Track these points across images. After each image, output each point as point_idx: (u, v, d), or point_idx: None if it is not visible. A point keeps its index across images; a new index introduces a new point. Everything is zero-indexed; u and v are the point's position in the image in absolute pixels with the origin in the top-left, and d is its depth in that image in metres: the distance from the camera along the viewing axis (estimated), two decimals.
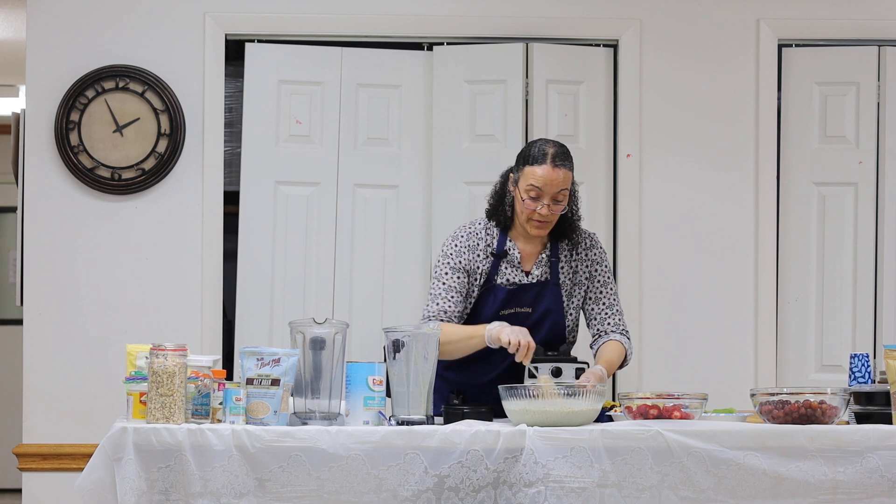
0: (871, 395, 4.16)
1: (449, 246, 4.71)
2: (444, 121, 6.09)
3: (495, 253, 4.68)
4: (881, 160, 6.17)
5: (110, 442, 3.85)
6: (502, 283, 4.68)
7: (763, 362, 6.07)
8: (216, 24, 6.02)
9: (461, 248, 4.69)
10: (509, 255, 4.69)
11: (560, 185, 4.56)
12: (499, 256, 4.68)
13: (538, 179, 4.55)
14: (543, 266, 4.71)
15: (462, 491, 3.87)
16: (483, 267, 4.69)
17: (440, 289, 4.65)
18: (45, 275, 5.94)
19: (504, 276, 4.69)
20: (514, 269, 4.70)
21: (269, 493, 3.85)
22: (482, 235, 4.71)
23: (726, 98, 6.13)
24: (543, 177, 4.54)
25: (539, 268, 4.71)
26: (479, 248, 4.70)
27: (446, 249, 4.71)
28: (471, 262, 4.68)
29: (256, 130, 6.08)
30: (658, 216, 6.11)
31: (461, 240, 4.71)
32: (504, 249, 4.69)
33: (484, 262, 4.69)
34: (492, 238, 4.71)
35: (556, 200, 4.58)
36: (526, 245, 4.72)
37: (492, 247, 4.70)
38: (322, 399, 4.03)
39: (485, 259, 4.69)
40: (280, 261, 6.07)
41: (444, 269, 4.68)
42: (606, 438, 3.91)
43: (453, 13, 6.11)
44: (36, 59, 5.96)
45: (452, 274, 4.66)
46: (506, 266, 4.69)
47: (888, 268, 6.13)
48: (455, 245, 4.71)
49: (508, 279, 4.68)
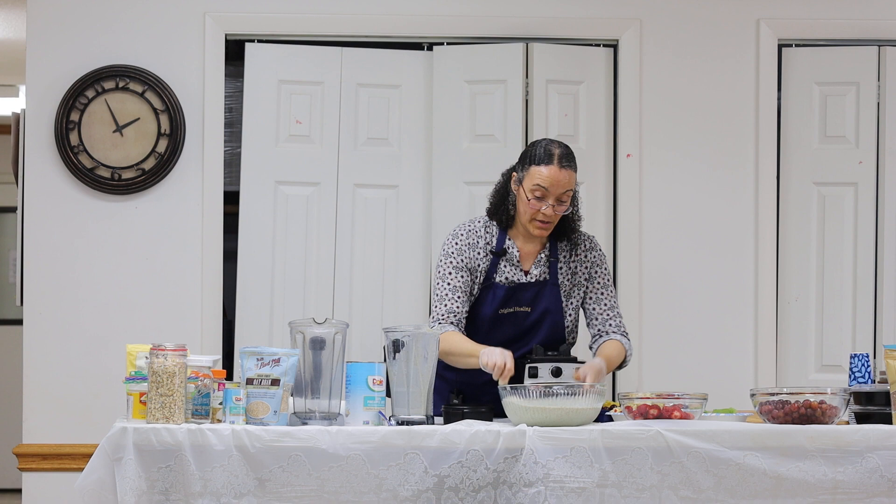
0: (871, 395, 4.16)
1: (450, 244, 4.72)
2: (444, 121, 6.09)
3: (495, 251, 4.69)
4: (881, 160, 6.17)
5: (110, 442, 3.85)
6: (501, 281, 4.69)
7: (763, 362, 6.07)
8: (216, 24, 6.02)
9: (462, 245, 4.70)
10: (508, 254, 4.70)
11: (565, 186, 4.57)
12: (498, 255, 4.69)
13: (545, 180, 4.55)
14: (542, 266, 4.71)
15: (462, 491, 3.87)
16: (483, 265, 4.69)
17: (445, 290, 4.66)
18: (45, 275, 5.94)
19: (503, 275, 4.69)
20: (513, 267, 4.70)
21: (269, 493, 3.85)
22: (482, 233, 4.72)
23: (726, 98, 6.13)
24: (550, 177, 4.55)
25: (538, 267, 4.71)
26: (479, 246, 4.70)
27: (447, 248, 4.71)
28: (472, 260, 4.68)
29: (256, 130, 6.08)
30: (658, 216, 6.11)
31: (461, 238, 4.71)
32: (503, 248, 4.70)
33: (484, 260, 4.70)
34: (491, 236, 4.72)
35: (560, 201, 4.58)
36: (525, 244, 4.72)
37: (491, 245, 4.70)
38: (322, 399, 4.03)
39: (485, 257, 4.70)
40: (280, 261, 6.07)
41: (447, 269, 4.68)
42: (606, 438, 3.91)
43: (453, 13, 6.11)
44: (36, 59, 5.96)
45: (456, 273, 4.66)
46: (505, 264, 4.70)
47: (888, 268, 6.13)
48: (456, 243, 4.71)
49: (507, 277, 4.69)
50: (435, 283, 4.70)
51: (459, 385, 4.58)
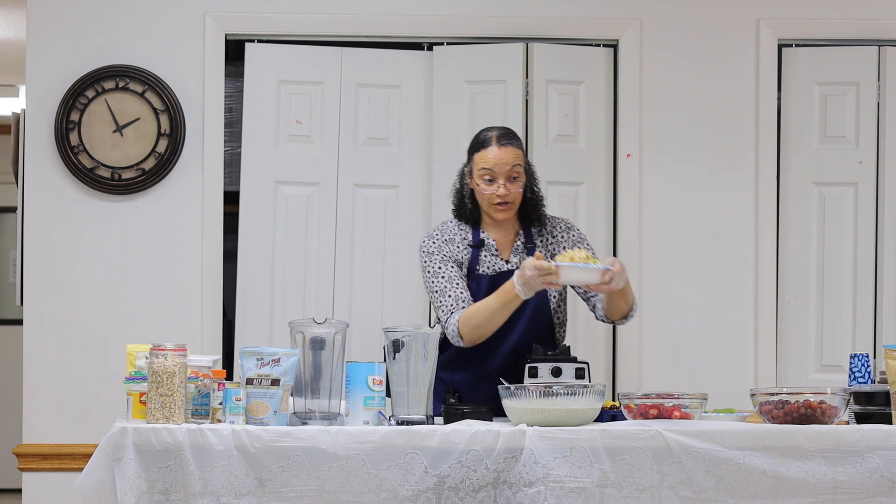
0: (871, 395, 4.16)
1: (428, 245, 4.78)
2: (444, 121, 6.09)
3: (473, 244, 4.76)
4: (881, 160, 6.17)
5: (110, 442, 3.85)
6: (484, 271, 4.75)
7: (763, 362, 6.07)
8: (216, 24, 6.02)
9: (440, 242, 4.78)
10: (487, 244, 4.77)
11: (511, 162, 4.67)
12: (477, 246, 4.76)
13: (488, 161, 4.67)
14: (521, 253, 4.79)
15: (462, 491, 3.87)
16: (464, 258, 4.76)
17: (442, 283, 4.68)
18: (45, 275, 5.94)
19: (485, 265, 4.76)
20: (493, 257, 4.77)
21: (269, 493, 3.85)
22: (455, 231, 4.81)
23: (726, 98, 6.13)
24: (492, 158, 4.67)
25: (516, 255, 4.79)
26: (456, 242, 4.78)
27: (427, 248, 4.76)
28: (454, 253, 4.73)
29: (256, 130, 6.08)
30: (658, 216, 6.11)
31: (437, 236, 4.80)
32: (480, 239, 4.77)
33: (464, 253, 4.76)
34: (465, 232, 4.80)
35: (511, 178, 4.68)
36: (499, 235, 4.80)
37: (468, 239, 4.78)
38: (322, 399, 4.03)
39: (464, 250, 4.77)
40: (280, 261, 6.07)
41: (434, 265, 4.72)
42: (606, 438, 3.91)
43: (453, 13, 6.11)
44: (36, 59, 5.96)
45: (445, 265, 4.71)
46: (485, 254, 4.77)
47: (888, 268, 6.13)
48: (433, 242, 4.78)
49: (489, 267, 4.76)
50: (428, 283, 4.72)
51: (456, 385, 4.59)
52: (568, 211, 6.04)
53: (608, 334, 6.12)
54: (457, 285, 4.68)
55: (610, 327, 6.10)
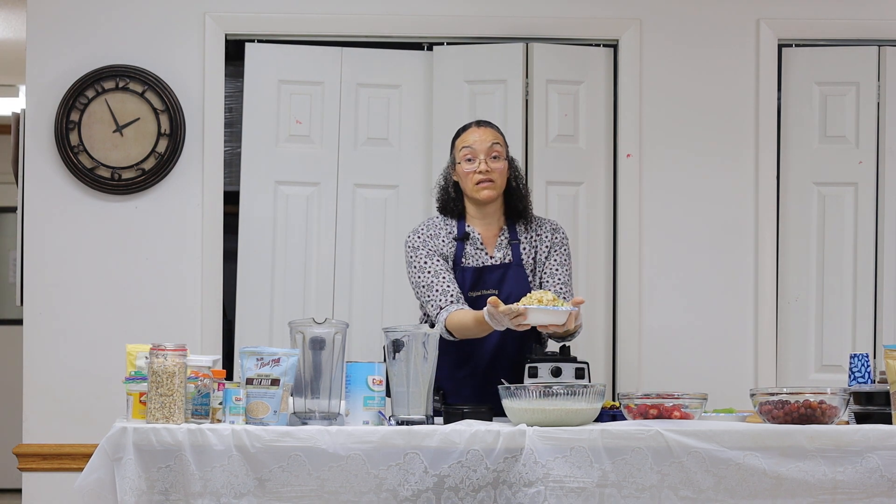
0: (871, 395, 4.17)
1: (412, 240, 4.83)
2: (444, 121, 6.09)
3: (458, 237, 4.80)
4: (881, 160, 6.17)
5: (110, 442, 3.85)
6: (469, 264, 4.79)
7: (763, 362, 6.07)
8: (216, 24, 6.02)
9: (424, 237, 4.82)
10: (472, 237, 4.81)
11: (490, 140, 4.77)
12: (462, 239, 4.80)
13: (468, 141, 4.80)
14: (505, 248, 4.82)
15: (462, 491, 3.87)
16: (450, 251, 4.79)
17: (428, 278, 4.72)
18: (45, 275, 5.94)
19: (469, 258, 4.81)
20: (477, 250, 4.82)
21: (269, 493, 3.85)
22: (441, 226, 4.85)
23: (726, 98, 6.13)
24: (473, 137, 4.79)
25: (500, 250, 4.82)
26: (441, 236, 4.82)
27: (412, 243, 4.81)
28: (439, 247, 4.77)
29: (256, 130, 6.08)
30: (658, 216, 6.11)
31: (422, 231, 4.85)
32: (466, 232, 4.81)
33: (449, 247, 4.80)
34: (451, 226, 4.85)
35: (491, 157, 4.76)
36: (484, 228, 4.83)
37: (453, 233, 4.82)
38: (322, 399, 4.03)
39: (449, 244, 4.81)
40: (280, 261, 6.07)
41: (420, 260, 4.76)
42: (606, 438, 3.91)
43: (453, 13, 6.11)
44: (36, 59, 5.96)
45: (430, 260, 4.74)
46: (470, 247, 4.81)
47: (888, 268, 6.13)
48: (418, 237, 4.83)
49: (474, 260, 4.80)
50: (414, 278, 4.76)
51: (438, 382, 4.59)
52: (568, 211, 6.04)
53: (608, 334, 6.12)
54: (443, 279, 4.71)
55: (610, 327, 6.11)
